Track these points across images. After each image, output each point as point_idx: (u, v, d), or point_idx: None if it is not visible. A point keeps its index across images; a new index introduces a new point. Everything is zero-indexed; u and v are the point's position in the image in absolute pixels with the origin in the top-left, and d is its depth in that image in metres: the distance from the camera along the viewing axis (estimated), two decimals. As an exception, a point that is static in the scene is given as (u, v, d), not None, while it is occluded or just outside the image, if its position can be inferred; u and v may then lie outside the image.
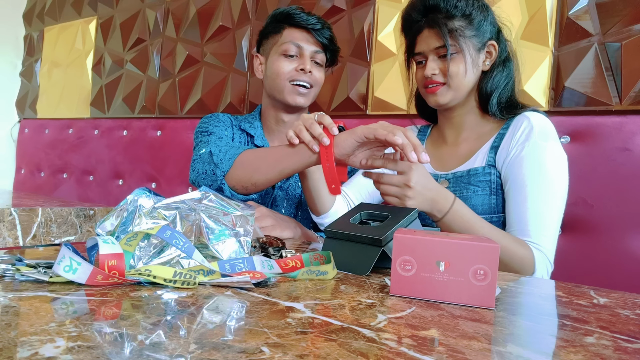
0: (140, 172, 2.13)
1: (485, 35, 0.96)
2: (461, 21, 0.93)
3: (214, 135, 1.13)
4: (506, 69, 0.99)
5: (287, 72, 1.13)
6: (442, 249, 0.49)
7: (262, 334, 0.35)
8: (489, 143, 0.98)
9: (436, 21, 0.93)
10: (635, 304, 0.54)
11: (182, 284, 0.48)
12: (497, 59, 0.99)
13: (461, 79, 0.95)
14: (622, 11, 1.13)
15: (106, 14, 2.42)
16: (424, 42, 0.97)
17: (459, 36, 0.93)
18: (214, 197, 0.60)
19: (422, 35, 0.97)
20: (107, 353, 0.29)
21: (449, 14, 0.93)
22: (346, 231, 0.66)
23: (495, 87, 0.98)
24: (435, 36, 0.94)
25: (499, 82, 0.98)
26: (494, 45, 0.98)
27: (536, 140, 0.90)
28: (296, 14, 1.13)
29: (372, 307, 0.45)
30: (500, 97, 0.99)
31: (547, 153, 0.90)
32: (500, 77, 0.98)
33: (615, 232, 1.09)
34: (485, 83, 0.99)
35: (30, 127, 2.76)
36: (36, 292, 0.42)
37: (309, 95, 1.16)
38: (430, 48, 0.96)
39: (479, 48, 0.96)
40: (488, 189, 0.95)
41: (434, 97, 0.98)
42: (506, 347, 0.37)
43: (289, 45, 1.13)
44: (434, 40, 0.95)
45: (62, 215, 1.35)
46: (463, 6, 0.93)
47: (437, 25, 0.93)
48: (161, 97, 2.13)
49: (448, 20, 0.93)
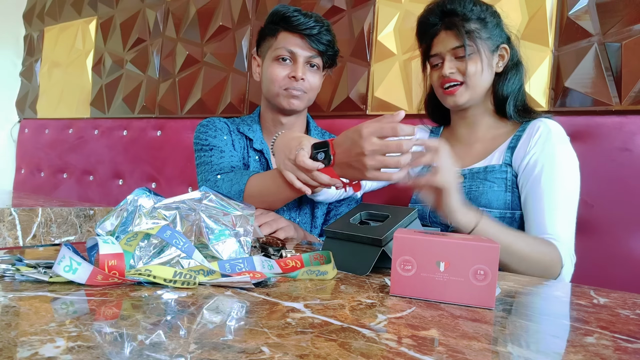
0: (140, 172, 2.13)
1: (498, 39, 1.00)
2: (477, 24, 0.98)
3: (216, 149, 1.12)
4: (519, 73, 1.03)
5: (280, 79, 1.11)
6: (442, 249, 0.49)
7: (262, 334, 0.35)
8: (505, 143, 1.01)
9: (454, 23, 0.97)
10: (635, 304, 0.54)
11: (182, 284, 0.48)
12: (510, 62, 1.02)
13: (478, 78, 0.98)
14: (622, 11, 1.13)
15: (106, 14, 2.42)
16: (441, 43, 1.00)
17: (475, 37, 0.97)
18: (214, 197, 0.60)
19: (439, 37, 1.01)
20: (107, 353, 0.29)
21: (466, 17, 0.97)
22: (346, 231, 0.66)
23: (510, 90, 1.02)
24: (453, 37, 0.98)
25: (514, 85, 1.02)
26: (506, 49, 1.02)
27: (554, 143, 0.94)
28: (292, 17, 1.09)
29: (372, 307, 0.45)
30: (517, 100, 1.03)
31: (564, 155, 0.94)
32: (514, 80, 1.02)
33: (615, 232, 1.09)
34: (501, 85, 1.02)
35: (30, 127, 2.76)
36: (36, 292, 0.42)
37: (304, 99, 1.14)
38: (447, 49, 0.99)
39: (493, 50, 1.00)
40: (504, 185, 0.97)
41: (452, 98, 1.01)
42: (506, 347, 0.37)
43: (282, 51, 1.10)
44: (451, 41, 0.98)
45: (62, 215, 1.35)
46: (478, 10, 0.98)
47: (455, 26, 0.97)
48: (161, 97, 2.13)
49: (465, 22, 0.97)
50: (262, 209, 0.98)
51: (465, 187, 1.01)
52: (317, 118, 1.49)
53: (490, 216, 0.88)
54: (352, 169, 0.78)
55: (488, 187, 0.98)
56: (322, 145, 0.82)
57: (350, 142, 0.77)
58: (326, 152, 0.80)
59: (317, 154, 0.81)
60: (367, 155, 0.74)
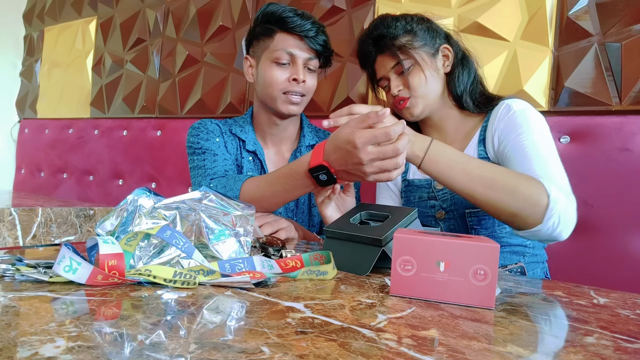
0: (140, 172, 2.13)
1: (434, 41, 1.01)
2: (406, 37, 0.99)
3: (209, 153, 1.12)
4: (466, 67, 1.03)
5: (280, 82, 1.09)
6: (442, 249, 0.49)
7: (262, 334, 0.35)
8: (475, 138, 1.00)
9: (384, 45, 1.00)
10: (635, 304, 0.54)
11: (182, 284, 0.48)
12: (455, 59, 1.03)
13: (424, 87, 0.99)
14: (622, 11, 1.13)
15: (106, 14, 2.42)
16: (381, 66, 1.03)
17: (409, 49, 0.99)
18: (214, 197, 0.60)
19: (377, 63, 1.04)
20: (107, 353, 0.29)
21: (393, 35, 0.99)
22: (346, 231, 0.66)
23: (463, 87, 1.02)
24: (388, 58, 1.01)
25: (464, 80, 1.02)
26: (448, 48, 1.02)
27: (516, 110, 0.93)
28: (289, 18, 1.07)
29: (372, 307, 0.45)
30: (472, 93, 1.03)
31: (532, 116, 0.92)
32: (463, 75, 1.02)
33: (615, 232, 1.09)
34: (452, 84, 1.03)
35: (30, 127, 2.76)
36: (36, 292, 0.42)
37: (302, 104, 1.13)
38: (387, 69, 1.02)
39: (433, 54, 1.01)
40: None
41: (407, 111, 1.02)
42: (506, 347, 0.37)
43: (281, 53, 1.08)
44: (388, 62, 1.01)
45: (62, 215, 1.35)
46: (403, 24, 1.00)
47: (387, 48, 1.00)
48: (161, 97, 2.13)
49: (394, 41, 0.99)
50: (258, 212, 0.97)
51: (448, 191, 1.00)
52: (316, 118, 1.50)
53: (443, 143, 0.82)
54: (352, 175, 0.76)
55: None
56: (319, 168, 0.78)
57: (344, 152, 0.74)
58: (327, 173, 0.78)
59: (318, 176, 0.79)
60: (366, 165, 0.72)
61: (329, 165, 0.77)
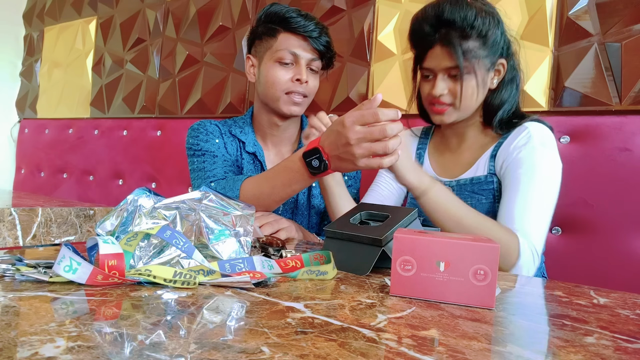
0: (140, 172, 2.13)
1: (497, 54, 0.93)
2: (476, 42, 0.90)
3: (208, 154, 1.12)
4: (511, 87, 0.98)
5: (283, 82, 1.09)
6: (442, 249, 0.49)
7: (262, 334, 0.35)
8: (488, 152, 0.98)
9: (451, 40, 0.89)
10: (635, 304, 0.54)
11: (182, 284, 0.48)
12: (505, 77, 0.97)
13: (469, 101, 0.94)
14: (622, 11, 1.13)
15: (106, 14, 2.42)
16: (435, 59, 0.92)
17: (472, 57, 0.90)
18: (214, 197, 0.60)
19: (433, 51, 0.92)
20: (107, 353, 0.29)
21: (465, 34, 0.89)
22: (346, 231, 0.66)
23: (502, 103, 0.97)
24: (448, 55, 0.90)
25: (507, 98, 0.97)
26: (503, 65, 0.96)
27: (534, 145, 0.90)
28: (293, 19, 1.07)
29: (372, 307, 0.45)
30: (505, 113, 0.97)
31: (544, 157, 0.90)
32: (508, 93, 0.97)
33: (615, 232, 1.09)
34: (493, 99, 0.97)
35: (30, 127, 2.76)
36: (36, 292, 0.42)
37: (304, 104, 1.13)
38: (441, 67, 0.92)
39: (489, 68, 0.94)
40: (492, 197, 0.96)
41: (439, 117, 0.97)
42: (506, 347, 0.37)
43: (284, 53, 1.08)
44: (446, 60, 0.91)
45: (62, 215, 1.35)
46: (480, 25, 0.89)
47: (452, 44, 0.89)
48: (161, 97, 2.13)
49: (463, 40, 0.89)
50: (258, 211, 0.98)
51: None
52: (317, 118, 1.49)
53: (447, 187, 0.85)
54: (344, 161, 0.77)
55: (476, 200, 0.97)
56: (312, 152, 0.80)
57: (335, 134, 0.76)
58: (319, 158, 0.79)
59: (311, 161, 0.80)
60: (354, 145, 0.73)
61: (322, 149, 0.79)
